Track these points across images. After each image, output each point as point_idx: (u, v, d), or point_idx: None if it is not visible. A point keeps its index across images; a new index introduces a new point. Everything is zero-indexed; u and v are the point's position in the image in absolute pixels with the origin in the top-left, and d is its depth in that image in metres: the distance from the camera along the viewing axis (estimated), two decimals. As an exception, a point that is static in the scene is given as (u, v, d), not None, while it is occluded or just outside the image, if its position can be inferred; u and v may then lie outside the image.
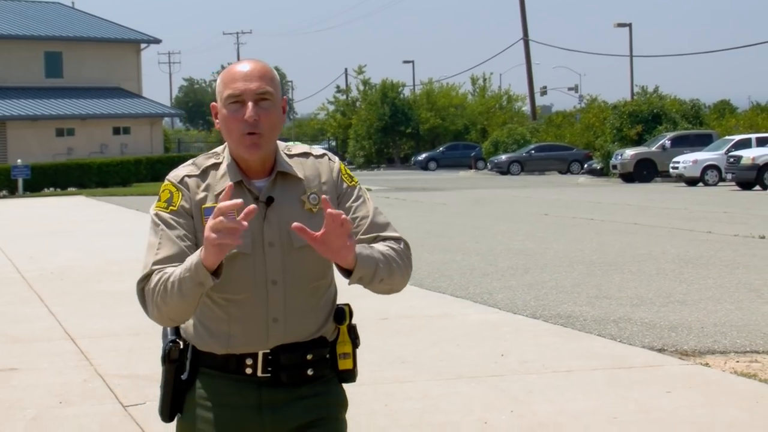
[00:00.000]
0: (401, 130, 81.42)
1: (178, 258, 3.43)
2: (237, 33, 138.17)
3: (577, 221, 25.56)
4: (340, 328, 3.61)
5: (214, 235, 3.15)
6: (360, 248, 3.39)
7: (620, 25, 62.43)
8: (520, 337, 10.54)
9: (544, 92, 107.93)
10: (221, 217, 3.14)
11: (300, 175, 3.56)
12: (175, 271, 3.34)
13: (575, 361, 9.36)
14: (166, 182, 3.59)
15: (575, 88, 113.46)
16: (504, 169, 62.44)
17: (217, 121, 3.56)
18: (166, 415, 3.62)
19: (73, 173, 53.12)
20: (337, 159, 3.67)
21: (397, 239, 3.57)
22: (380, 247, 3.50)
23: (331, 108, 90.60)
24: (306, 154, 3.63)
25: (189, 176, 3.56)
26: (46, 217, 31.48)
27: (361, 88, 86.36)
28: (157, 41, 72.73)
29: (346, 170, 3.65)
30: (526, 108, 79.76)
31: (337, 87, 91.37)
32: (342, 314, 3.61)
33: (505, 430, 7.31)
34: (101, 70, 68.12)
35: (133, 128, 67.96)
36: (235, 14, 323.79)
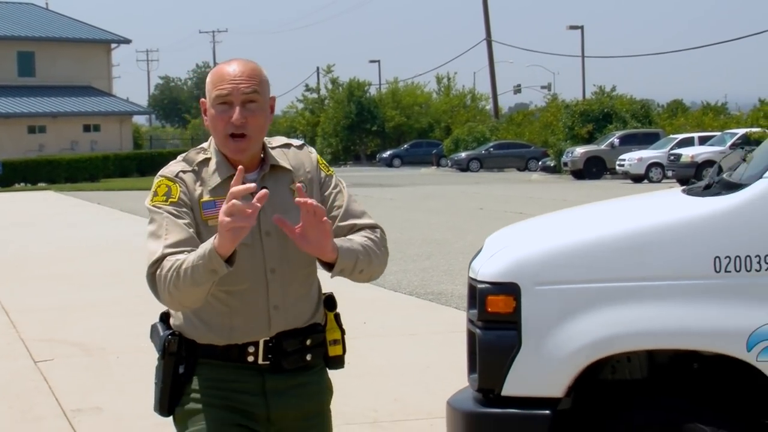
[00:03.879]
0: (367, 127, 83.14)
1: (188, 243, 3.44)
2: (213, 32, 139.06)
3: (507, 215, 27.20)
4: (328, 315, 3.75)
5: (228, 219, 3.17)
6: (339, 242, 3.49)
7: (572, 27, 64.35)
8: (389, 310, 12.27)
9: (518, 90, 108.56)
10: (234, 201, 3.18)
11: (287, 165, 3.65)
12: (187, 258, 3.33)
13: (423, 327, 11.11)
14: (160, 178, 3.59)
15: (548, 87, 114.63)
16: (464, 166, 64.04)
17: (206, 118, 3.59)
18: (165, 409, 3.65)
19: (43, 169, 54.60)
20: (314, 150, 3.79)
21: (372, 227, 3.69)
22: (358, 238, 3.60)
23: (300, 106, 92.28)
24: (287, 146, 3.72)
25: (184, 171, 3.59)
26: (11, 211, 32.83)
27: (330, 86, 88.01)
28: (127, 41, 74.19)
29: (322, 160, 3.76)
30: (491, 106, 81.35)
31: (306, 85, 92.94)
32: (333, 301, 3.78)
33: (337, 376, 9.04)
34: (72, 69, 69.56)
35: (103, 125, 69.55)
36: (211, 13, 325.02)
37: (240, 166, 3.29)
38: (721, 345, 4.32)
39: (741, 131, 43.59)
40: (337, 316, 3.76)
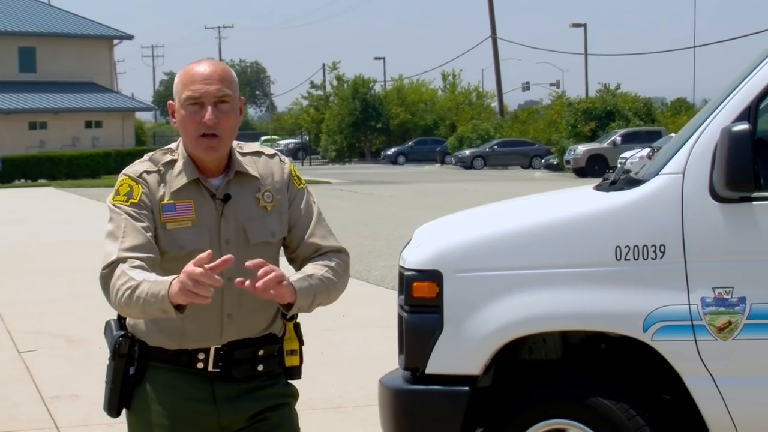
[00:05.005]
0: (372, 125, 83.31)
1: (144, 248, 3.45)
2: (219, 27, 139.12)
3: (500, 212, 27.50)
4: (287, 325, 3.73)
5: (190, 286, 3.17)
6: (298, 282, 3.45)
7: (575, 25, 64.56)
8: (369, 303, 12.60)
9: (526, 87, 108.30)
10: (197, 281, 3.15)
11: (254, 173, 3.63)
12: (142, 286, 3.31)
13: (397, 319, 11.43)
14: (123, 177, 3.59)
15: (557, 84, 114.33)
16: (468, 164, 64.07)
17: (174, 120, 3.61)
18: (114, 410, 3.65)
19: (44, 165, 54.54)
20: (287, 160, 3.75)
21: (337, 250, 3.68)
22: (318, 270, 3.55)
23: (305, 103, 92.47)
24: (258, 153, 3.70)
25: (148, 172, 3.59)
26: (9, 207, 33.13)
27: (335, 83, 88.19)
28: (130, 37, 73.90)
29: (296, 172, 3.73)
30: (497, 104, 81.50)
31: (311, 83, 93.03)
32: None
33: (308, 365, 9.36)
34: (74, 65, 69.17)
35: (105, 122, 69.20)
36: (217, 9, 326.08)
37: (208, 251, 3.25)
38: (622, 326, 4.71)
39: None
40: (296, 326, 3.76)
